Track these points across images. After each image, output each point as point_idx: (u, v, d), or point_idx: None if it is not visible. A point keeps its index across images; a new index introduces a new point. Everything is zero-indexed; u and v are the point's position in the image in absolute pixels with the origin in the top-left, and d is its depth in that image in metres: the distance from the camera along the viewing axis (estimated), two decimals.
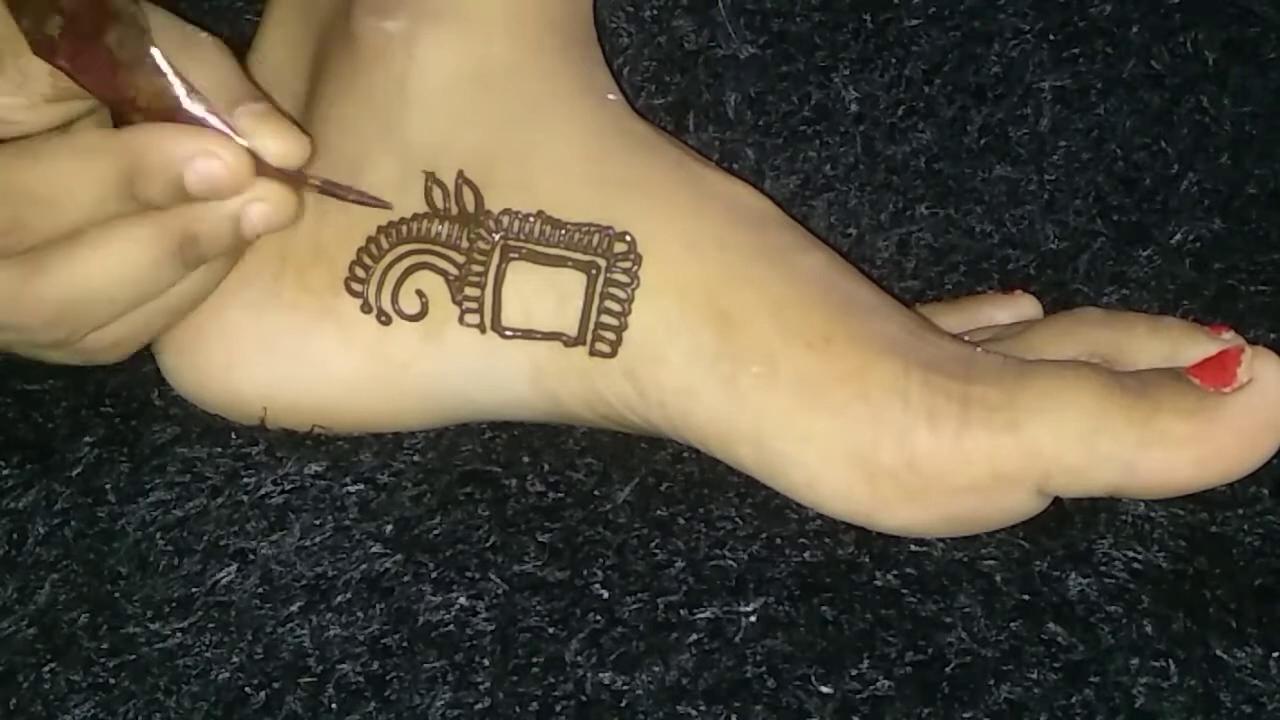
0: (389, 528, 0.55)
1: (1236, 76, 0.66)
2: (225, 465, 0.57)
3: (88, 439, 0.58)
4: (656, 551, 0.54)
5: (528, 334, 0.56)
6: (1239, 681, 0.50)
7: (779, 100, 0.65)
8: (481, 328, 0.56)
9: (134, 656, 0.52)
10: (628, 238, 0.55)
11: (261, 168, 0.53)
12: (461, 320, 0.56)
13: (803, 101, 0.66)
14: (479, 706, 0.50)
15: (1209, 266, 0.66)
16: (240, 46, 0.65)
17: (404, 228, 0.57)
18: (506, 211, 0.56)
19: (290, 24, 0.61)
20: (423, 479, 0.57)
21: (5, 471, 0.57)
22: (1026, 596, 0.52)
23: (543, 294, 0.56)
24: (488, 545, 0.54)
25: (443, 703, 0.50)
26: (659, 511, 0.55)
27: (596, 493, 0.56)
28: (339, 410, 0.58)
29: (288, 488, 0.56)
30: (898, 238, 0.67)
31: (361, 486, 0.57)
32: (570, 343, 0.56)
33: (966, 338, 0.60)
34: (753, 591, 0.52)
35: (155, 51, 0.53)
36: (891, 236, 0.67)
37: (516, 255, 0.56)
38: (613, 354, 0.56)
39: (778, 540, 0.54)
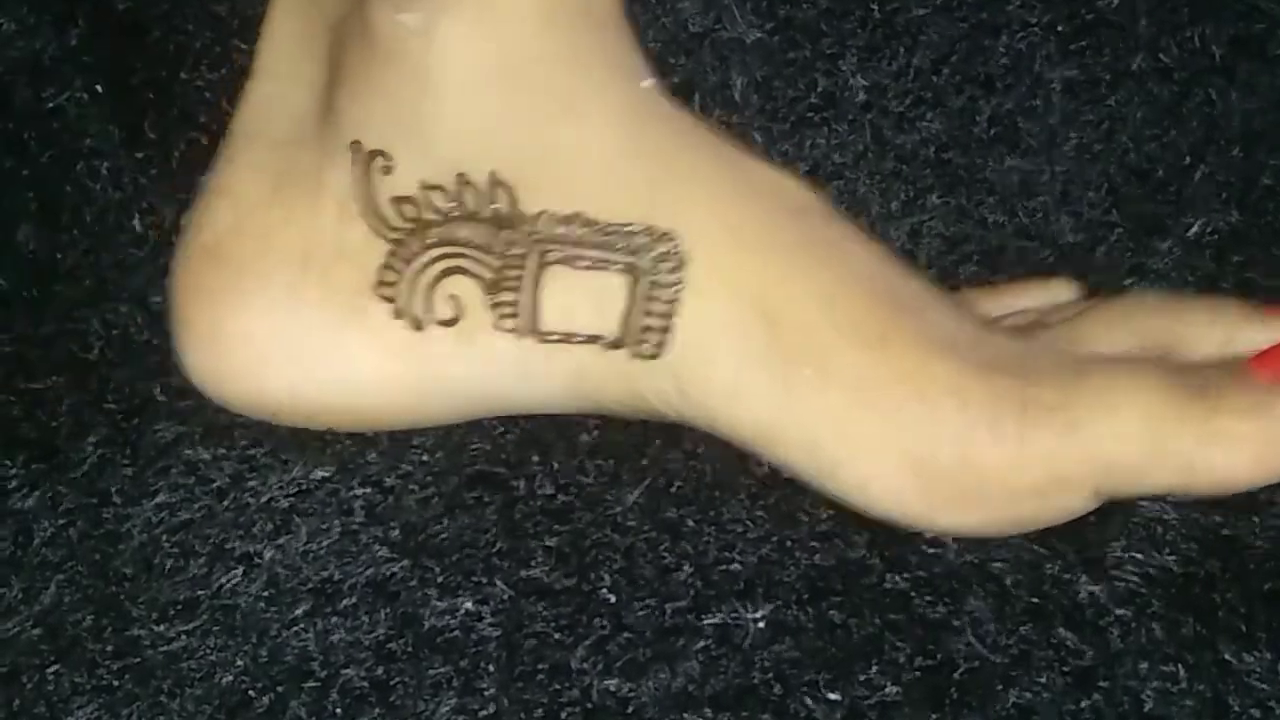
0: (395, 532, 0.55)
1: (1244, 72, 0.65)
2: (230, 468, 0.57)
3: (91, 439, 0.58)
4: (665, 556, 0.53)
5: (567, 337, 0.55)
6: (1248, 686, 0.50)
7: (785, 86, 0.64)
8: (518, 332, 0.55)
9: (138, 659, 0.52)
10: (671, 236, 0.54)
11: None
12: (497, 325, 0.55)
13: (810, 88, 0.65)
14: (484, 713, 0.50)
15: (1227, 259, 0.66)
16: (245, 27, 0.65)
17: (435, 231, 0.55)
18: (543, 213, 0.54)
19: (299, 9, 0.59)
20: (430, 481, 0.57)
21: (11, 471, 0.57)
22: (1036, 600, 0.52)
23: (582, 296, 0.55)
24: (494, 550, 0.54)
25: (447, 708, 0.50)
26: (668, 514, 0.55)
27: (606, 495, 0.56)
28: (369, 411, 0.57)
29: (293, 491, 0.56)
30: (909, 227, 0.66)
31: (368, 490, 0.56)
32: (611, 345, 0.55)
33: (1007, 323, 0.59)
34: (761, 596, 0.52)
35: None
36: (903, 225, 0.66)
37: (554, 258, 0.54)
38: (656, 356, 0.54)
39: (788, 543, 0.54)
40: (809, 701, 0.49)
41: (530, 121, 0.55)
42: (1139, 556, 0.53)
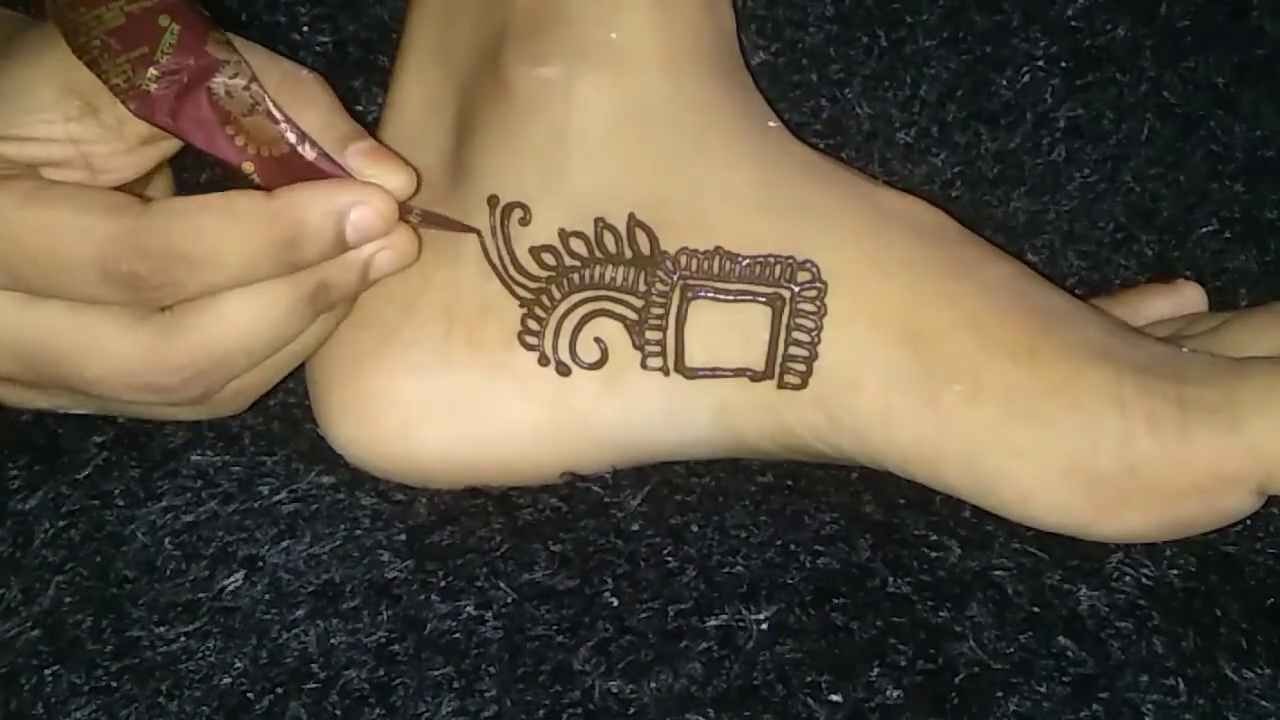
0: (399, 536, 0.55)
1: (1247, 100, 0.66)
2: (239, 473, 0.57)
3: (97, 439, 0.58)
4: (668, 560, 0.53)
5: (714, 373, 0.55)
6: (1248, 702, 0.50)
7: (790, 109, 0.64)
8: (665, 370, 0.55)
9: (137, 660, 0.52)
10: (810, 266, 0.55)
11: None
12: (644, 365, 0.56)
13: (815, 114, 0.65)
14: (485, 714, 0.50)
15: (1236, 294, 0.67)
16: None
17: (576, 275, 0.56)
18: (683, 250, 0.55)
19: (428, 76, 0.60)
20: (437, 492, 0.57)
21: (13, 473, 0.57)
22: (1037, 609, 0.52)
23: (727, 331, 0.55)
24: (498, 554, 0.54)
25: (449, 710, 0.50)
26: (672, 520, 0.55)
27: (609, 500, 0.56)
28: (518, 464, 0.57)
29: (300, 496, 0.56)
30: None
31: (375, 500, 0.56)
32: (757, 377, 0.55)
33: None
34: (765, 599, 0.52)
35: (267, 98, 0.52)
36: None
37: (697, 294, 0.55)
38: (803, 385, 0.55)
39: (791, 546, 0.54)
40: (811, 703, 0.49)
41: (664, 163, 0.56)
42: (1139, 569, 0.53)
